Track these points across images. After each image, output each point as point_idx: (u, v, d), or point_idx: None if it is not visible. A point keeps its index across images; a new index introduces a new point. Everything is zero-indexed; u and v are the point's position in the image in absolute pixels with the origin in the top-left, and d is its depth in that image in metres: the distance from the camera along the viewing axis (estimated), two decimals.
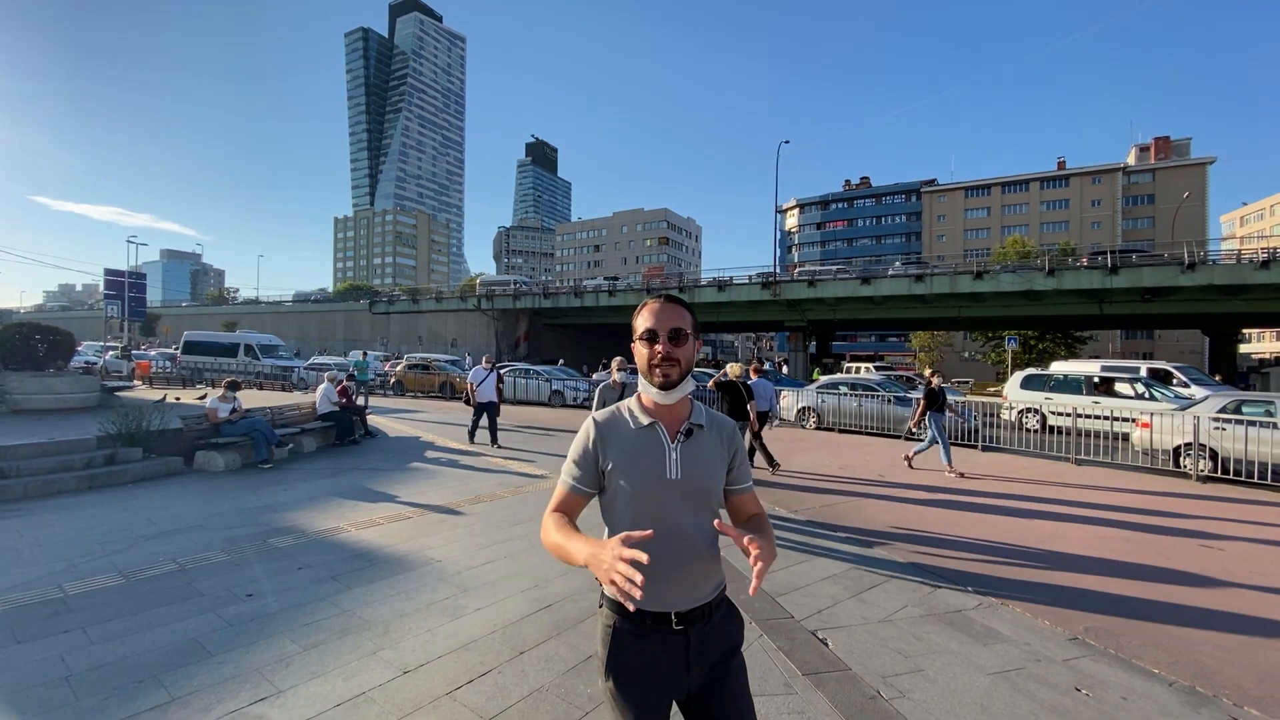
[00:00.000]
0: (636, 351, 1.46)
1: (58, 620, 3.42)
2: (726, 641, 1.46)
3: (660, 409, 1.46)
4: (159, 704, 2.62)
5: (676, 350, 1.40)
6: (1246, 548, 5.60)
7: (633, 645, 1.39)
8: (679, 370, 1.41)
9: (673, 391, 1.42)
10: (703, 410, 1.52)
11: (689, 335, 1.43)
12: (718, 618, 1.45)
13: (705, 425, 1.48)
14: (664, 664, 1.39)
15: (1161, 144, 70.85)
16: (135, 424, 7.61)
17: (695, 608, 1.40)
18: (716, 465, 1.46)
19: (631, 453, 1.42)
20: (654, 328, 1.42)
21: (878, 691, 2.90)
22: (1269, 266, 26.36)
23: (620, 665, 1.38)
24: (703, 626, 1.41)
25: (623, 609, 1.37)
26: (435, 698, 2.72)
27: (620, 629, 1.39)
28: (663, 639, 1.38)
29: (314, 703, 2.65)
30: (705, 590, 1.42)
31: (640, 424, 1.44)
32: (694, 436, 1.45)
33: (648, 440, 1.43)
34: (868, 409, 13.39)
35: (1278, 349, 70.68)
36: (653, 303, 1.45)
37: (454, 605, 3.74)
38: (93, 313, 70.77)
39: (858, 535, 5.62)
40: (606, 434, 1.44)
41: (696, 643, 1.40)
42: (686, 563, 1.39)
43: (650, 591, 1.29)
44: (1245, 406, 9.19)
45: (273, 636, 3.27)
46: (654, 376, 1.41)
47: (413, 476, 7.84)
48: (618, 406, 1.51)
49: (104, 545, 4.78)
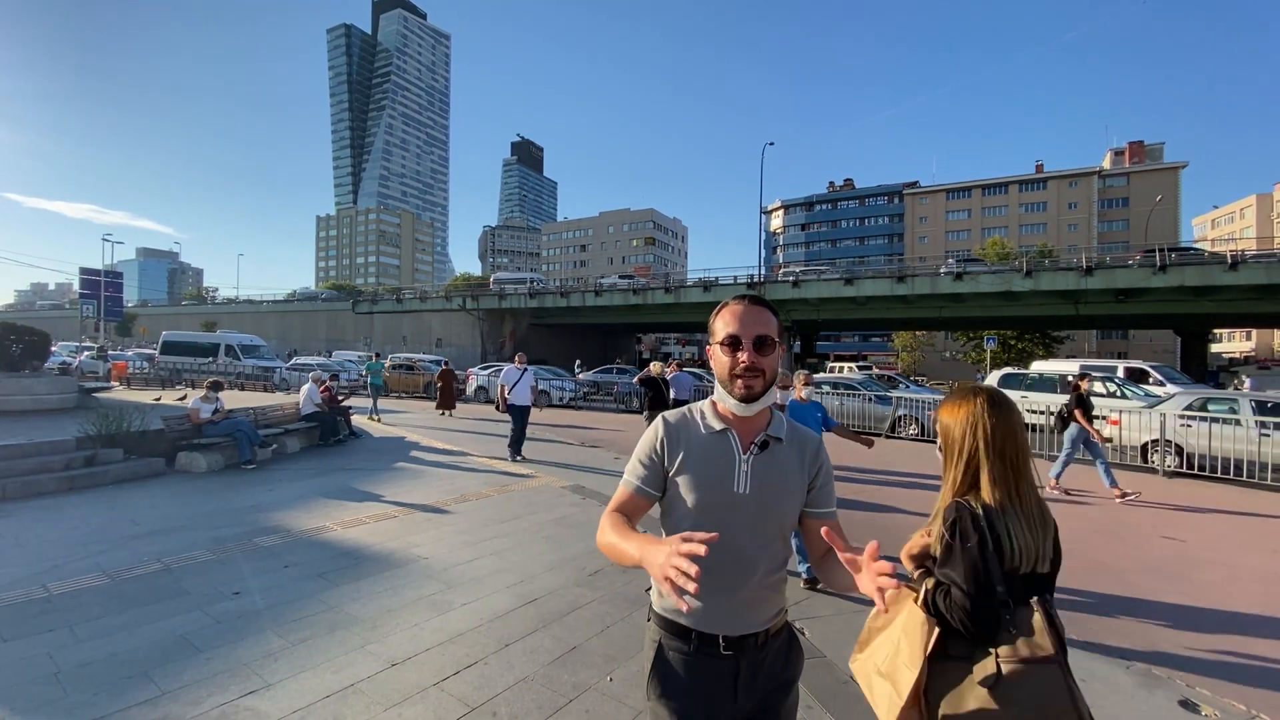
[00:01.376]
0: (715, 358, 1.34)
1: (44, 619, 3.43)
2: (781, 675, 1.34)
3: (734, 418, 1.34)
4: (149, 698, 2.67)
5: (762, 360, 1.28)
6: (1207, 539, 5.85)
7: (678, 665, 1.30)
8: (763, 382, 1.28)
9: (755, 404, 1.29)
10: (783, 421, 1.39)
11: (775, 343, 1.31)
12: (774, 646, 1.34)
13: (785, 439, 1.35)
14: (710, 690, 1.28)
15: (1135, 148, 72.52)
16: (115, 425, 7.54)
17: (748, 634, 1.29)
18: (793, 484, 1.33)
19: (698, 459, 1.31)
20: (738, 334, 1.28)
21: (849, 677, 3.02)
22: (1237, 268, 27.18)
23: (664, 685, 1.30)
24: (755, 655, 1.30)
25: (670, 624, 1.31)
26: (423, 688, 2.79)
27: (665, 645, 1.31)
28: (709, 663, 1.28)
29: (303, 695, 2.71)
30: (761, 617, 1.31)
31: (712, 429, 1.33)
32: (769, 449, 1.32)
33: (717, 448, 1.32)
34: (849, 407, 13.61)
35: (1248, 348, 72.72)
36: (735, 304, 1.33)
37: (441, 600, 3.81)
38: (66, 312, 69.22)
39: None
40: (675, 435, 1.34)
41: (747, 672, 1.29)
42: (742, 586, 1.29)
43: (701, 610, 1.27)
44: (1210, 404, 9.52)
45: (260, 632, 3.32)
46: (735, 388, 1.28)
47: (398, 476, 7.86)
48: (689, 408, 1.40)
49: (87, 546, 4.76)
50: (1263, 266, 27.03)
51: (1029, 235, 68.13)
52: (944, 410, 1.63)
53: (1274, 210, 76.09)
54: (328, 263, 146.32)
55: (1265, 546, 5.63)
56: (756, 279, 39.46)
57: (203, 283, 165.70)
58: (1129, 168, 70.53)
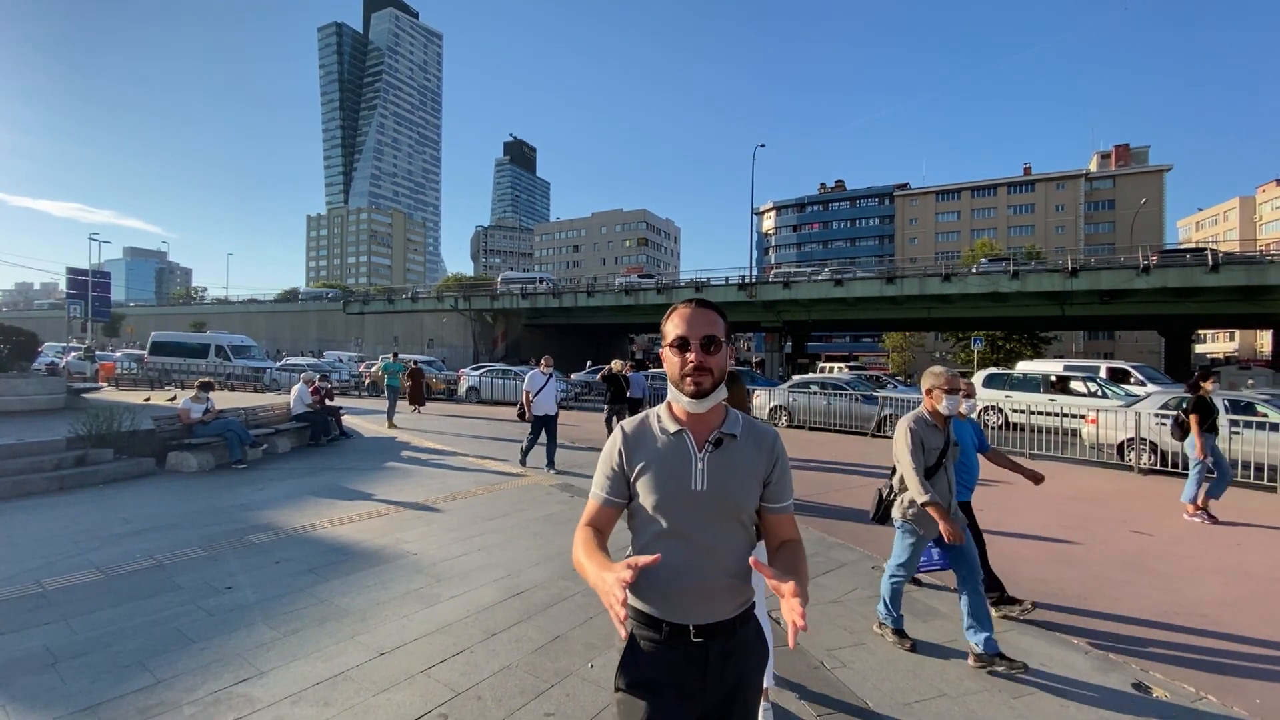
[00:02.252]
0: (666, 359, 1.39)
1: (39, 613, 3.52)
2: (749, 663, 1.40)
3: (691, 416, 1.39)
4: (145, 686, 2.77)
5: (709, 359, 1.33)
6: (1175, 534, 6.05)
7: (648, 654, 1.35)
8: (711, 379, 1.34)
9: (705, 401, 1.35)
10: (739, 418, 1.44)
11: (722, 342, 1.36)
12: (742, 634, 1.39)
13: (739, 435, 1.40)
14: (679, 677, 1.34)
15: (1121, 151, 73.45)
16: (106, 425, 7.57)
17: (716, 622, 1.34)
18: (748, 478, 1.37)
19: (656, 461, 1.37)
20: (685, 335, 1.34)
21: (821, 662, 3.17)
22: (1218, 270, 27.67)
23: (634, 673, 1.35)
24: (725, 642, 1.35)
25: (641, 615, 1.37)
26: (411, 675, 2.90)
27: (636, 635, 1.37)
28: (680, 651, 1.34)
29: (295, 682, 2.82)
30: (729, 606, 1.36)
31: (668, 432, 1.39)
32: (724, 446, 1.37)
33: (674, 448, 1.37)
34: (837, 407, 13.80)
35: (1231, 349, 73.82)
36: (684, 308, 1.38)
37: (429, 594, 3.92)
38: (52, 312, 68.45)
39: (817, 526, 5.92)
40: (633, 442, 1.40)
41: (717, 659, 1.34)
42: (710, 578, 1.34)
43: (670, 602, 1.34)
44: (1184, 403, 9.75)
45: (253, 625, 3.42)
46: (685, 386, 1.34)
47: (389, 475, 7.94)
48: (647, 414, 1.46)
49: (79, 544, 4.83)
50: (1243, 268, 27.55)
51: (1017, 237, 68.87)
52: None
53: (1256, 213, 77.33)
54: (318, 263, 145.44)
55: (1229, 541, 5.84)
56: (748, 279, 39.70)
57: (191, 282, 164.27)
58: (1115, 170, 71.46)
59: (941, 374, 3.43)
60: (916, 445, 3.28)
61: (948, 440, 3.42)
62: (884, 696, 2.86)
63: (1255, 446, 8.21)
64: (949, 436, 3.44)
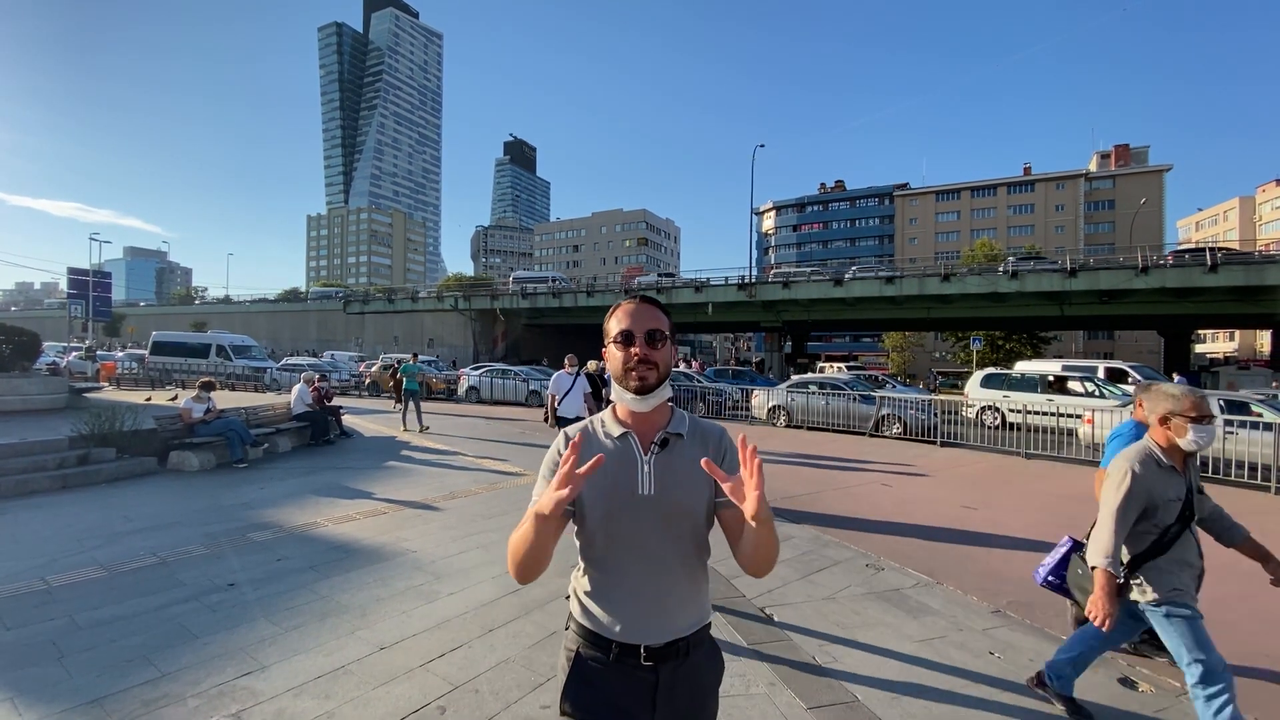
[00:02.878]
0: (610, 355, 1.33)
1: (45, 609, 3.58)
2: (702, 685, 1.32)
3: (636, 418, 1.33)
4: (150, 679, 2.83)
5: (654, 353, 1.29)
6: None
7: (595, 676, 1.27)
8: (656, 374, 1.29)
9: (649, 397, 1.29)
10: (685, 418, 1.38)
11: (667, 337, 1.32)
12: (696, 657, 1.30)
13: (686, 434, 1.33)
14: (626, 702, 1.25)
15: (1121, 151, 73.52)
16: (108, 424, 7.63)
17: (669, 642, 1.26)
18: (696, 480, 1.27)
19: (600, 467, 1.23)
20: (630, 329, 1.29)
21: (813, 657, 3.23)
22: (1217, 270, 27.70)
23: (578, 696, 1.27)
24: (676, 665, 1.27)
25: (587, 633, 1.29)
26: (410, 669, 2.96)
27: (583, 655, 1.28)
28: (629, 674, 1.25)
29: (297, 675, 2.88)
30: (683, 623, 1.28)
31: (612, 435, 1.33)
32: (670, 447, 1.31)
33: (620, 453, 1.30)
34: (834, 407, 13.86)
35: (1231, 349, 73.86)
36: (627, 304, 1.35)
37: (428, 590, 3.98)
38: (52, 312, 68.54)
39: (814, 523, 5.98)
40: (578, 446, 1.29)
41: (666, 683, 1.26)
42: (663, 591, 1.27)
43: (620, 618, 1.25)
44: None
45: (255, 620, 3.48)
46: (629, 380, 1.28)
47: (389, 475, 8.00)
48: (590, 419, 1.40)
49: (82, 541, 4.89)
50: (1241, 269, 27.56)
51: (1017, 237, 68.95)
52: None
53: (1256, 213, 77.35)
54: (319, 262, 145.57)
55: None
56: (748, 279, 39.75)
57: (191, 282, 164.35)
58: (1115, 170, 71.54)
59: (1184, 395, 2.46)
60: (1136, 497, 2.42)
61: (1190, 488, 2.49)
62: (873, 690, 2.92)
63: (1249, 446, 8.27)
64: (1191, 482, 2.50)
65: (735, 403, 16.79)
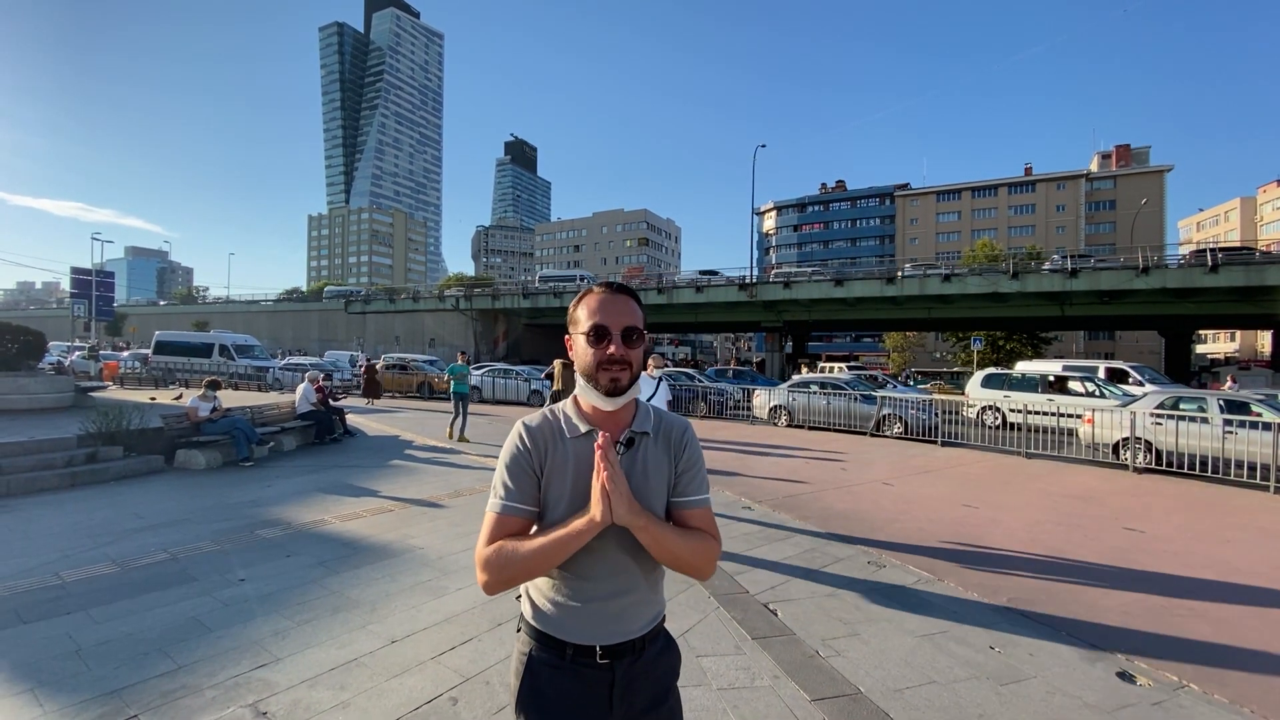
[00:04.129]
0: (577, 349, 1.25)
1: (60, 604, 3.64)
2: (659, 681, 1.29)
3: (601, 415, 1.26)
4: (167, 671, 2.89)
5: (630, 352, 1.20)
6: (1166, 530, 6.16)
7: (549, 679, 1.21)
8: (630, 374, 1.21)
9: (620, 398, 1.22)
10: (649, 412, 1.32)
11: (643, 334, 1.24)
12: (651, 653, 1.27)
13: (651, 431, 1.28)
14: (583, 703, 1.21)
15: (1122, 151, 73.52)
16: (115, 423, 7.70)
17: (625, 641, 1.23)
18: (658, 480, 1.25)
19: (563, 466, 1.22)
20: (605, 324, 1.20)
21: (816, 651, 3.29)
22: (1217, 271, 27.74)
23: (533, 700, 1.21)
24: (632, 662, 1.23)
25: (541, 635, 1.23)
26: (421, 661, 3.02)
27: (536, 658, 1.22)
28: (585, 674, 1.21)
29: (311, 667, 2.94)
30: (639, 623, 1.25)
31: (576, 431, 1.24)
32: (636, 446, 1.25)
33: (583, 451, 1.22)
34: (835, 407, 13.91)
35: (1232, 349, 73.83)
36: (599, 291, 1.24)
37: (436, 586, 4.04)
38: (54, 311, 68.64)
39: (816, 522, 6.03)
40: (539, 440, 1.24)
41: (623, 680, 1.22)
42: (620, 593, 1.22)
43: (576, 621, 1.21)
44: (1182, 403, 9.87)
45: (268, 615, 3.54)
46: (601, 380, 1.20)
47: (394, 473, 8.06)
48: (550, 410, 1.30)
49: (94, 538, 4.95)
50: (1241, 269, 27.60)
51: (1018, 237, 68.94)
52: None
53: (1257, 213, 77.31)
54: (320, 262, 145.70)
55: (1219, 537, 5.95)
56: (748, 280, 39.80)
57: (193, 282, 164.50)
58: (1116, 171, 71.56)
59: None
60: None
61: None
62: (875, 683, 2.98)
63: (1249, 446, 8.31)
64: None
65: (736, 403, 16.84)
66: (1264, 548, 5.64)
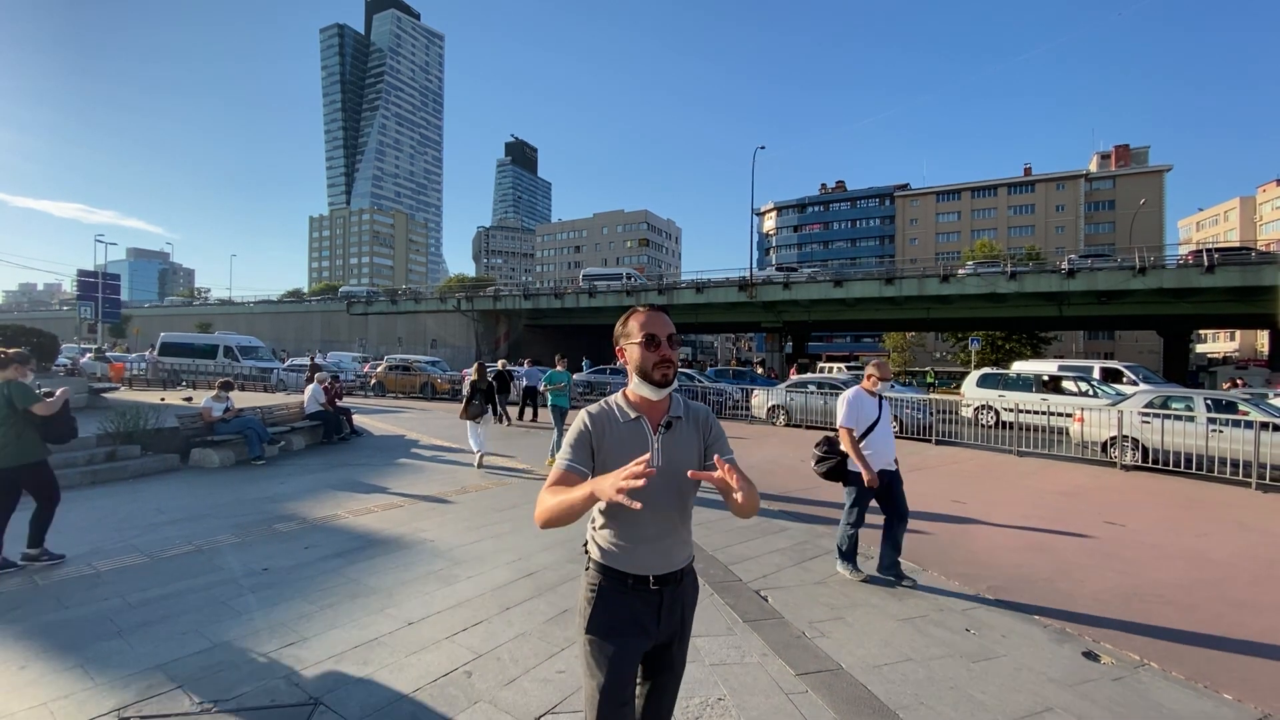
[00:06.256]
0: (633, 354, 1.64)
1: (97, 590, 3.90)
2: (689, 603, 1.74)
3: (646, 404, 1.66)
4: (203, 649, 3.14)
5: (674, 353, 1.64)
6: (1146, 524, 6.39)
7: (616, 602, 1.61)
8: (674, 370, 1.63)
9: (667, 389, 1.63)
10: (680, 402, 1.71)
11: (679, 340, 1.70)
12: (687, 582, 1.72)
13: (683, 416, 1.69)
14: (640, 618, 1.62)
15: (1121, 152, 73.63)
16: (133, 423, 7.96)
17: (670, 572, 1.65)
18: (691, 451, 1.67)
19: (620, 444, 1.60)
20: (656, 334, 1.62)
21: (802, 633, 3.53)
22: (1214, 271, 27.93)
23: (603, 619, 1.61)
24: (674, 588, 1.66)
25: (607, 570, 1.63)
26: (436, 641, 3.27)
27: (605, 588, 1.63)
28: (641, 597, 1.62)
29: (336, 645, 3.19)
30: (679, 558, 1.67)
31: (628, 417, 1.64)
32: (673, 428, 1.66)
33: (634, 432, 1.63)
34: (832, 406, 14.12)
35: (1231, 348, 73.95)
36: (646, 310, 1.67)
37: (448, 574, 4.29)
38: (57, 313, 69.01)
39: (808, 516, 6.28)
40: (598, 426, 1.62)
41: (669, 601, 1.65)
42: (665, 535, 1.64)
43: (633, 558, 1.62)
44: (1170, 402, 10.10)
45: (291, 600, 3.79)
46: (655, 375, 1.61)
47: (402, 471, 8.31)
48: (606, 402, 1.69)
49: (121, 531, 5.21)
50: (1238, 269, 27.78)
51: (1017, 237, 69.11)
52: None
53: (1257, 213, 77.44)
54: (321, 263, 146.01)
55: (1196, 531, 6.18)
56: (749, 280, 40.01)
57: (194, 283, 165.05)
58: (1115, 171, 71.66)
59: None
60: None
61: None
62: (856, 660, 3.22)
63: (1231, 444, 8.54)
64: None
65: (736, 402, 17.09)
66: (1238, 540, 5.88)
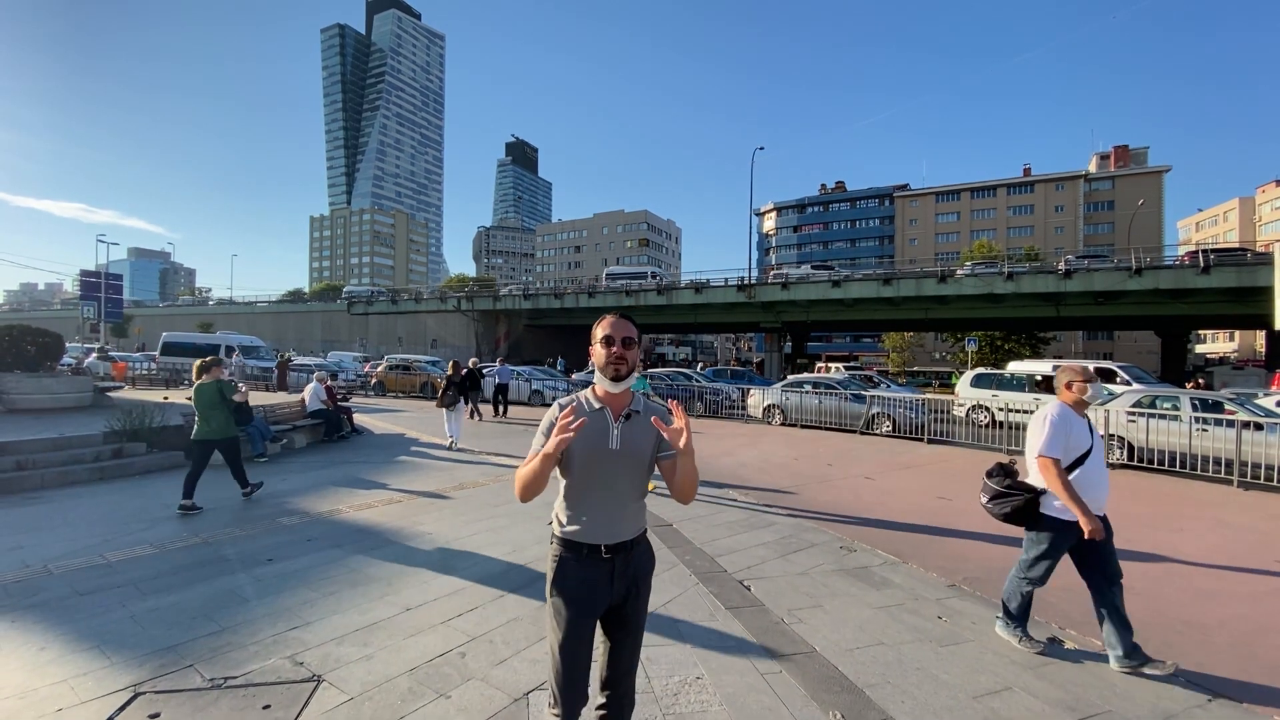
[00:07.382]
0: (596, 353, 1.94)
1: (110, 578, 4.08)
2: (641, 569, 1.98)
3: (609, 397, 1.93)
4: (213, 632, 3.32)
5: (627, 353, 1.90)
6: (1125, 520, 6.51)
7: (573, 569, 1.89)
8: (626, 368, 1.89)
9: (621, 383, 1.91)
10: (642, 400, 2.01)
11: (635, 343, 1.94)
12: (637, 552, 1.96)
13: (642, 411, 1.96)
14: (595, 583, 1.88)
15: (1121, 152, 73.77)
16: (139, 421, 8.14)
17: (620, 542, 1.91)
18: (647, 440, 1.94)
19: (585, 428, 1.82)
20: (611, 335, 1.90)
21: (781, 619, 3.71)
22: (1210, 272, 28.08)
23: (563, 584, 1.89)
24: (625, 555, 1.92)
25: (566, 541, 1.91)
26: (433, 625, 3.46)
27: (564, 557, 1.91)
28: (595, 564, 1.88)
29: (338, 629, 3.37)
30: (630, 530, 1.94)
31: (594, 407, 1.93)
32: (632, 419, 1.93)
33: (599, 419, 1.90)
34: (827, 405, 14.32)
35: (1230, 349, 74.08)
36: (610, 317, 1.95)
37: (445, 564, 4.48)
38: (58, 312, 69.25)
39: (796, 512, 6.45)
40: (566, 410, 1.85)
41: (620, 568, 1.91)
42: (618, 509, 1.91)
43: (588, 529, 1.89)
44: (1158, 401, 10.27)
45: (296, 588, 3.98)
46: (609, 371, 1.90)
47: (401, 468, 8.50)
48: (577, 395, 1.97)
49: (129, 525, 5.40)
50: (1234, 270, 27.93)
51: (1016, 238, 69.25)
52: None
53: (1256, 213, 77.54)
54: (321, 263, 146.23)
55: (1173, 526, 6.36)
56: (747, 281, 40.20)
57: (195, 283, 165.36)
58: (1114, 171, 71.78)
59: None
60: None
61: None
62: (829, 644, 3.40)
63: (1214, 442, 8.71)
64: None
65: (732, 402, 17.25)
66: (1213, 535, 6.06)
